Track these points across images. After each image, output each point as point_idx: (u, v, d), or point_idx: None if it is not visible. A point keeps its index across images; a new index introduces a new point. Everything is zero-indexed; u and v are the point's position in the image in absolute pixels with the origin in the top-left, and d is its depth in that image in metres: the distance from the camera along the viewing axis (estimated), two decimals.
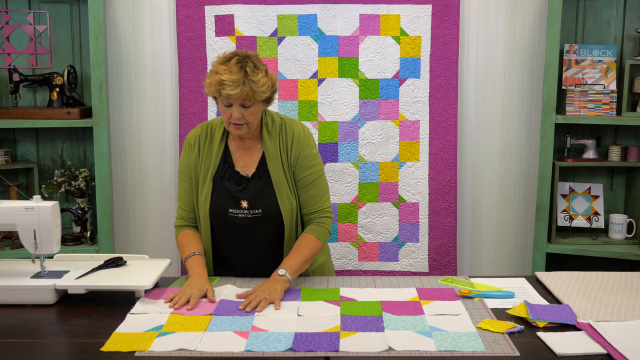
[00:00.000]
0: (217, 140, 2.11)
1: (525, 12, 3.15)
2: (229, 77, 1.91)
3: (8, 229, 1.92)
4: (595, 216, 3.16)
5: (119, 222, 3.30)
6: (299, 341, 1.56)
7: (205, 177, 2.09)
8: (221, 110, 2.00)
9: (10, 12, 3.12)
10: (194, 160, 2.12)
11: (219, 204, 2.07)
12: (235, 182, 2.07)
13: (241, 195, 2.05)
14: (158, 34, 3.19)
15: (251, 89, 1.93)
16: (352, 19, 3.10)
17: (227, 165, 2.10)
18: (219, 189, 2.07)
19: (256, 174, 2.08)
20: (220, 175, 2.08)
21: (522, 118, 3.22)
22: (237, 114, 1.97)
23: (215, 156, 2.10)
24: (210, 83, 1.95)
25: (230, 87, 1.91)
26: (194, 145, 2.13)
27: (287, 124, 2.13)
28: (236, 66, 1.94)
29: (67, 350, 1.56)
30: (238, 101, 1.95)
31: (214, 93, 1.96)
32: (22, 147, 3.26)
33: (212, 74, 1.96)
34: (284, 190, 2.06)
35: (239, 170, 2.09)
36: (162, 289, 1.95)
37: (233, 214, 2.06)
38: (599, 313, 1.74)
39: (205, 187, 2.08)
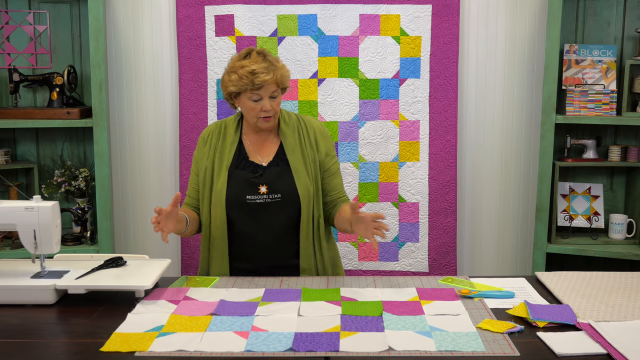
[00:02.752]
0: (230, 135, 2.20)
1: (525, 12, 3.15)
2: (259, 66, 2.03)
3: (8, 229, 1.92)
4: (595, 216, 3.16)
5: (119, 222, 3.30)
6: (299, 341, 1.56)
7: (220, 168, 2.15)
8: (248, 107, 2.08)
9: (10, 12, 3.12)
10: (204, 155, 2.20)
11: (236, 191, 2.12)
12: (252, 170, 2.14)
13: (259, 181, 2.12)
14: (158, 34, 3.19)
15: (281, 75, 2.07)
16: (352, 19, 3.10)
17: (242, 157, 2.17)
18: (235, 178, 2.13)
19: (273, 162, 2.16)
20: (236, 166, 2.15)
21: (522, 118, 3.22)
22: (269, 105, 2.07)
23: (230, 149, 2.17)
24: (240, 77, 2.04)
25: (263, 73, 2.02)
26: (206, 140, 2.22)
27: (305, 119, 2.26)
28: (259, 57, 2.07)
29: (67, 350, 1.56)
30: (268, 91, 2.06)
31: (245, 86, 2.04)
32: (22, 147, 3.26)
33: (237, 69, 2.05)
34: (302, 176, 2.13)
35: (254, 160, 2.17)
36: (162, 289, 1.95)
37: (251, 199, 2.11)
38: (599, 313, 1.74)
39: (221, 177, 2.14)
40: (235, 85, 2.06)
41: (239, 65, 2.06)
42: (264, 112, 2.08)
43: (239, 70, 2.04)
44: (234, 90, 2.08)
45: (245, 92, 2.07)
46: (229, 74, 2.09)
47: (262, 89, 2.04)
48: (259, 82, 2.02)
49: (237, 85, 2.06)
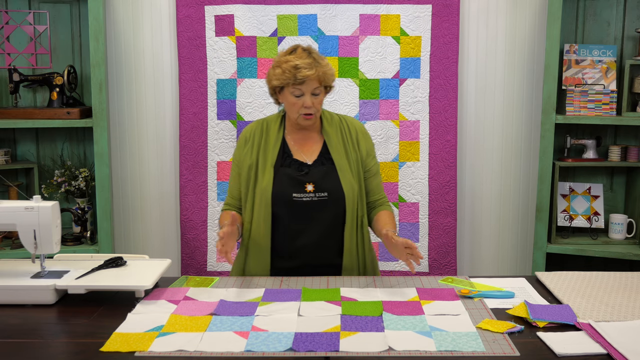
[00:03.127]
0: (273, 133, 2.21)
1: (525, 12, 3.15)
2: (302, 61, 2.05)
3: (8, 229, 1.92)
4: (595, 216, 3.16)
5: (119, 222, 3.30)
6: (299, 341, 1.56)
7: (265, 166, 2.16)
8: (290, 102, 2.10)
9: (10, 12, 3.12)
10: (244, 154, 2.20)
11: (282, 188, 2.12)
12: (297, 168, 2.15)
13: (306, 179, 2.12)
14: (158, 34, 3.19)
15: (323, 72, 2.08)
16: (352, 19, 3.10)
17: (286, 155, 2.18)
18: (281, 176, 2.13)
19: (318, 160, 2.17)
20: (281, 164, 2.16)
21: (522, 118, 3.22)
22: (310, 101, 2.08)
23: (273, 147, 2.18)
24: (283, 71, 2.06)
25: (306, 69, 2.04)
26: (248, 139, 2.22)
27: (347, 118, 2.27)
28: (304, 53, 2.09)
29: (67, 350, 1.56)
30: (311, 87, 2.07)
31: (288, 80, 2.05)
32: (22, 147, 3.26)
33: (282, 64, 2.07)
34: (347, 176, 2.14)
35: (298, 158, 2.17)
36: (162, 289, 1.95)
37: (297, 197, 2.11)
38: (599, 313, 1.74)
39: (266, 175, 2.14)
40: (279, 79, 2.08)
41: (283, 59, 2.08)
42: (305, 108, 2.09)
43: (283, 64, 2.07)
44: (277, 84, 2.10)
45: (288, 87, 2.08)
46: (274, 68, 2.11)
47: (304, 85, 2.06)
48: (301, 77, 2.04)
49: (280, 79, 2.07)
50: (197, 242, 3.22)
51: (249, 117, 3.15)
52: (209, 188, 3.21)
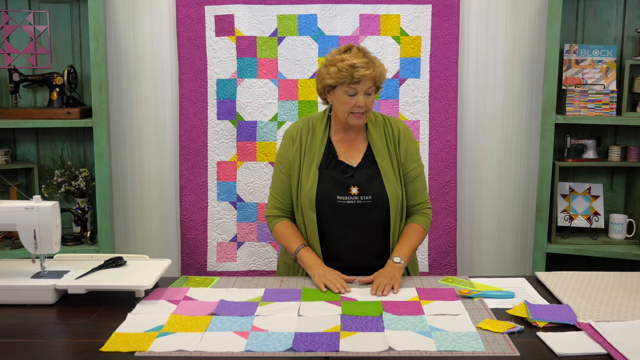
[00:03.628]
0: (319, 132, 2.19)
1: (525, 12, 3.15)
2: (359, 60, 2.03)
3: (8, 229, 1.92)
4: (595, 216, 3.16)
5: (119, 222, 3.30)
6: (299, 341, 1.56)
7: (310, 167, 2.15)
8: (342, 101, 2.08)
9: (10, 12, 3.12)
10: (294, 152, 2.19)
11: (327, 191, 2.11)
12: (342, 170, 2.14)
13: (351, 182, 2.12)
14: (158, 34, 3.19)
15: (379, 72, 2.08)
16: (352, 19, 3.10)
17: (332, 156, 2.17)
18: (325, 177, 2.13)
19: (362, 163, 2.16)
20: (326, 165, 2.15)
21: (522, 118, 3.22)
22: (363, 100, 2.06)
23: (319, 147, 2.17)
24: (339, 70, 2.04)
25: (363, 68, 2.03)
26: (295, 138, 2.21)
27: (391, 119, 2.25)
28: (359, 53, 2.08)
29: (67, 350, 1.56)
30: (365, 87, 2.06)
31: (344, 79, 2.04)
32: (22, 147, 3.26)
33: (337, 62, 2.05)
34: (391, 180, 2.13)
35: (343, 160, 2.16)
36: (162, 289, 1.95)
37: (342, 200, 2.11)
38: (599, 313, 1.74)
39: (310, 176, 2.14)
40: (334, 77, 2.06)
41: (338, 58, 2.06)
42: (358, 107, 2.07)
43: (339, 63, 2.05)
44: (331, 82, 2.07)
45: (342, 86, 2.07)
46: (327, 67, 2.09)
47: (360, 84, 2.04)
48: (358, 76, 2.02)
49: (335, 78, 2.05)
50: (197, 242, 3.22)
51: (248, 117, 3.15)
52: (209, 188, 3.21)
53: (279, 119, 3.15)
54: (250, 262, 3.23)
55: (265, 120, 3.15)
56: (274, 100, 3.14)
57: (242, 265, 3.23)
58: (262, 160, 3.18)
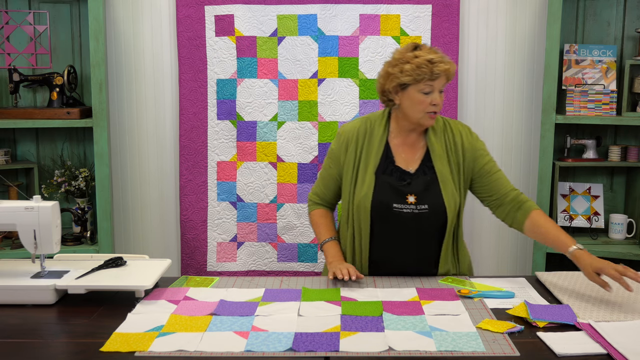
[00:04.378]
0: (377, 135, 2.11)
1: (525, 12, 3.15)
2: (437, 56, 1.96)
3: (8, 229, 1.92)
4: (595, 216, 3.16)
5: (119, 222, 3.30)
6: (299, 341, 1.56)
7: (366, 171, 2.08)
8: (416, 100, 1.99)
9: (10, 12, 3.12)
10: (348, 154, 2.12)
11: (383, 198, 2.05)
12: (398, 177, 2.07)
13: (408, 190, 2.05)
14: (158, 34, 3.19)
15: (452, 68, 1.99)
16: (352, 19, 3.10)
17: (389, 161, 2.09)
18: (382, 184, 2.06)
19: (420, 169, 2.08)
20: (383, 170, 2.08)
21: (522, 118, 3.22)
22: (439, 97, 2.00)
23: (377, 151, 2.10)
24: (417, 66, 1.95)
25: (442, 62, 1.95)
26: (351, 139, 2.13)
27: (450, 122, 2.15)
28: (431, 49, 2.00)
29: (67, 350, 1.56)
30: (441, 84, 1.99)
31: (423, 75, 1.95)
32: (22, 147, 3.26)
33: (410, 59, 1.97)
34: (449, 187, 2.07)
35: (400, 165, 2.09)
36: (162, 289, 1.95)
37: (398, 209, 2.05)
38: (599, 313, 1.74)
39: (366, 181, 2.07)
40: (411, 74, 1.96)
41: (411, 55, 1.97)
42: (433, 105, 1.99)
43: (413, 60, 1.96)
44: (407, 80, 1.97)
45: (417, 84, 1.98)
46: (400, 65, 1.99)
47: (437, 81, 1.97)
48: (438, 71, 1.95)
49: (413, 75, 1.96)
50: (197, 242, 3.22)
51: (248, 117, 3.15)
52: (209, 188, 3.21)
53: (279, 119, 3.15)
54: (250, 262, 3.23)
55: (265, 120, 3.15)
56: (274, 100, 3.14)
57: (242, 265, 3.23)
58: (262, 160, 3.18)
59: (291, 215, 3.19)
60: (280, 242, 3.21)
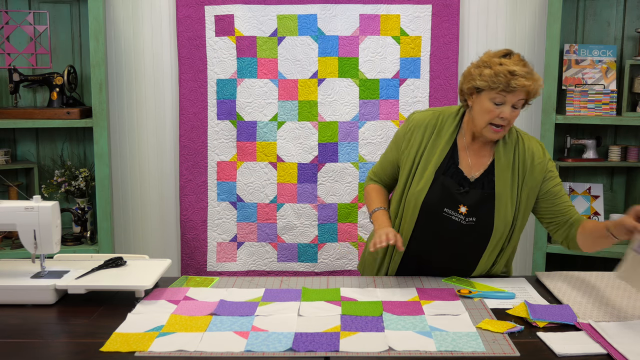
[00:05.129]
0: (447, 132, 2.04)
1: (525, 12, 3.15)
2: (521, 69, 1.86)
3: (8, 229, 1.92)
4: (595, 216, 3.15)
5: (119, 222, 3.30)
6: (299, 341, 1.56)
7: (426, 168, 2.02)
8: (485, 109, 1.91)
9: (10, 12, 3.12)
10: (412, 142, 2.06)
11: (436, 200, 2.00)
12: (458, 182, 2.00)
13: (462, 199, 1.98)
14: (158, 34, 3.19)
15: (537, 86, 1.90)
16: (352, 19, 3.10)
17: (452, 162, 2.02)
18: (439, 184, 2.00)
19: (480, 180, 2.00)
20: (444, 171, 2.01)
21: (522, 118, 3.22)
22: (508, 113, 1.89)
23: (442, 149, 2.02)
24: (496, 74, 1.87)
25: (524, 78, 1.85)
26: (419, 129, 2.06)
27: (524, 136, 2.06)
28: (522, 62, 1.90)
29: (67, 350, 1.56)
30: (516, 98, 1.88)
31: (498, 84, 1.86)
32: (22, 147, 3.26)
33: (494, 65, 1.88)
34: (504, 204, 1.98)
35: (463, 169, 2.01)
36: (162, 289, 1.95)
37: (447, 214, 1.99)
38: (599, 313, 1.74)
39: (424, 178, 2.01)
40: (486, 80, 1.88)
41: (496, 61, 1.89)
42: (500, 119, 1.90)
43: (496, 66, 1.87)
44: (481, 85, 1.90)
45: (490, 91, 1.89)
46: (481, 68, 1.91)
47: (512, 94, 1.87)
48: (515, 85, 1.85)
49: (488, 82, 1.88)
50: (197, 242, 3.22)
51: (248, 117, 3.15)
52: (209, 188, 3.21)
53: (278, 119, 3.15)
54: (250, 262, 3.23)
55: (265, 120, 3.15)
56: (274, 100, 3.14)
57: (242, 265, 3.23)
58: (262, 160, 3.18)
59: (291, 215, 3.19)
60: (280, 242, 3.21)
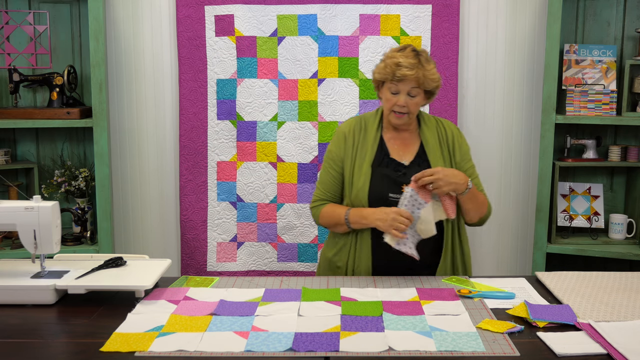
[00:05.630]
0: (371, 130, 2.22)
1: (525, 12, 3.15)
2: (406, 60, 2.07)
3: (8, 229, 1.92)
4: (595, 216, 3.16)
5: (119, 222, 3.30)
6: (299, 341, 1.56)
7: (362, 165, 2.17)
8: (386, 98, 2.14)
9: (10, 12, 3.12)
10: (346, 150, 2.22)
11: (379, 188, 2.14)
12: (394, 168, 2.17)
13: (403, 180, 2.13)
14: (158, 34, 3.19)
15: (423, 75, 2.08)
16: (352, 19, 3.10)
17: (384, 154, 2.19)
18: (378, 175, 2.16)
19: (415, 161, 2.18)
20: (378, 163, 2.17)
21: (522, 118, 3.22)
22: (403, 101, 2.10)
23: (372, 145, 2.20)
24: (386, 65, 2.10)
25: (406, 68, 2.06)
26: (348, 136, 2.24)
27: (443, 121, 2.28)
28: (412, 53, 2.10)
29: (67, 350, 1.56)
30: (407, 87, 2.09)
31: (387, 75, 2.09)
32: (22, 147, 3.26)
33: (387, 59, 2.11)
34: None
35: (395, 157, 2.19)
36: (162, 289, 1.95)
37: (393, 198, 2.11)
38: (599, 313, 1.74)
39: (362, 174, 2.16)
40: (380, 73, 2.13)
41: (390, 55, 2.12)
42: (398, 106, 2.11)
43: (388, 59, 2.10)
44: (378, 77, 2.14)
45: (387, 83, 2.11)
46: (381, 62, 2.15)
47: (402, 83, 2.08)
48: (400, 75, 2.05)
49: (381, 74, 2.12)
50: (197, 242, 3.22)
51: (248, 117, 3.15)
52: (209, 188, 3.21)
53: (279, 119, 3.15)
54: (250, 262, 3.23)
55: (265, 120, 3.15)
56: (274, 100, 3.14)
57: (242, 265, 3.23)
58: (262, 160, 3.18)
59: (291, 215, 3.19)
60: (280, 242, 3.21)
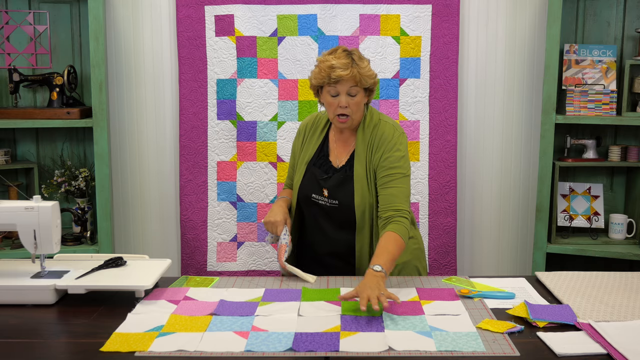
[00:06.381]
0: (319, 129, 2.27)
1: (525, 12, 3.15)
2: (338, 61, 2.05)
3: (8, 229, 1.92)
4: (595, 216, 3.16)
5: (119, 222, 3.30)
6: (299, 341, 1.56)
7: (302, 162, 2.25)
8: (327, 102, 2.12)
9: (10, 12, 3.12)
10: (298, 144, 2.31)
11: (307, 188, 2.21)
12: (324, 170, 2.20)
13: (325, 184, 2.18)
14: (158, 34, 3.19)
15: (359, 72, 2.06)
16: (352, 19, 3.10)
17: (322, 154, 2.24)
18: (309, 174, 2.22)
19: (344, 166, 2.19)
20: (314, 162, 2.23)
21: (522, 118, 3.22)
22: (344, 101, 2.08)
23: (314, 144, 2.25)
24: (320, 70, 2.08)
25: (340, 69, 2.04)
26: (302, 131, 2.32)
27: (381, 124, 2.18)
28: (343, 54, 2.09)
29: (67, 350, 1.56)
30: (346, 87, 2.07)
31: (323, 79, 2.07)
32: (22, 147, 3.26)
33: (321, 63, 2.09)
34: (360, 185, 2.13)
35: (332, 160, 2.21)
36: (162, 289, 1.95)
37: (315, 199, 2.19)
38: (599, 313, 1.74)
39: (299, 171, 2.25)
40: (316, 78, 2.11)
41: (322, 59, 2.10)
42: (340, 107, 2.08)
43: (321, 63, 2.09)
44: (315, 83, 2.13)
45: (325, 86, 2.10)
46: (315, 68, 2.13)
47: (339, 84, 2.06)
48: (335, 77, 2.04)
49: (317, 78, 2.10)
50: (197, 242, 3.22)
51: (248, 117, 3.15)
52: (209, 188, 3.21)
53: (279, 119, 3.15)
54: (250, 262, 3.23)
55: (265, 120, 3.15)
56: (274, 100, 3.14)
57: (242, 265, 3.23)
58: (262, 160, 3.18)
59: None
60: None
